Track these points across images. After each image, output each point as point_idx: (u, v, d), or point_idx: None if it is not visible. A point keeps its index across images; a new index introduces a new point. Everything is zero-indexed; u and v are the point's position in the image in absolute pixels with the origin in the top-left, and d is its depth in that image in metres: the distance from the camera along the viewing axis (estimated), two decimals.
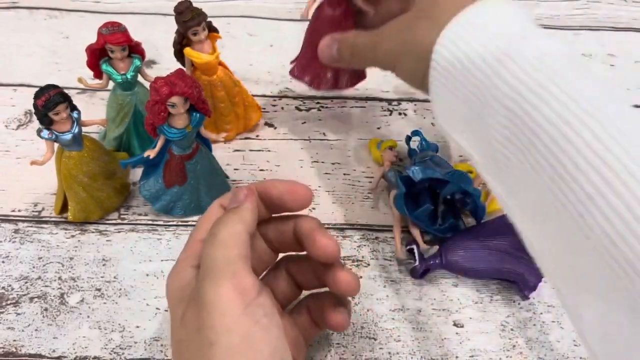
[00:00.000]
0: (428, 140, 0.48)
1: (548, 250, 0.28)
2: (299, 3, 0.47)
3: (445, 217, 0.45)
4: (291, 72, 0.50)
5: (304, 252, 0.35)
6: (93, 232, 0.46)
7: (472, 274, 0.43)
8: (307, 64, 0.49)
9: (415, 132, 0.49)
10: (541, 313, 0.42)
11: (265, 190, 0.34)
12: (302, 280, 0.37)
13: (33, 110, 0.40)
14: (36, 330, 0.40)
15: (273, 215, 0.36)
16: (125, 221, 0.47)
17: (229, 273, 0.28)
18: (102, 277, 0.43)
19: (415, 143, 0.49)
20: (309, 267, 0.36)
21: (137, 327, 0.41)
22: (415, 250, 0.43)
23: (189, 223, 0.47)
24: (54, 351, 0.39)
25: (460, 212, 0.45)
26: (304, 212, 0.47)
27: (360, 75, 0.51)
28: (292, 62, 0.51)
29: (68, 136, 0.41)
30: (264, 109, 0.56)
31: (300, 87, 0.55)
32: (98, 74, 0.46)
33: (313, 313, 0.36)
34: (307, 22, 0.48)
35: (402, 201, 0.43)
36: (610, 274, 0.24)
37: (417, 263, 0.43)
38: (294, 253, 0.37)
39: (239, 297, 0.28)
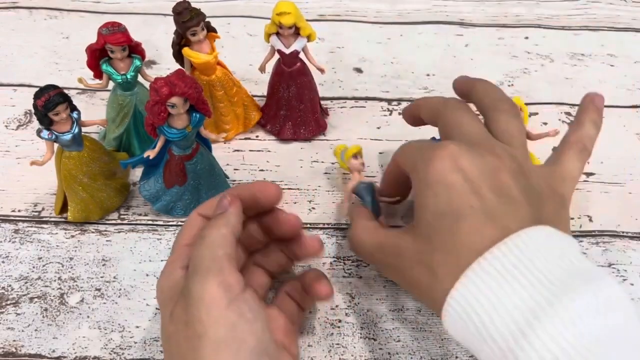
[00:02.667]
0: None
1: None
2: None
3: None
4: (258, 122, 0.54)
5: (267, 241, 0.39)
6: (93, 232, 0.46)
7: None
8: (270, 116, 0.53)
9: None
10: None
11: (239, 193, 0.36)
12: (269, 266, 0.39)
13: (33, 111, 0.40)
14: (36, 330, 0.40)
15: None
16: (125, 221, 0.47)
17: (216, 270, 0.30)
18: (102, 277, 0.43)
19: None
20: (274, 250, 0.39)
21: (137, 327, 0.41)
22: None
23: None
24: (53, 351, 0.39)
25: None
26: (303, 211, 0.47)
27: (320, 127, 0.53)
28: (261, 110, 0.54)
29: (68, 136, 0.41)
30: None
31: None
32: (98, 74, 0.46)
33: (295, 296, 0.38)
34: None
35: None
36: None
37: None
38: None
39: (224, 292, 0.30)
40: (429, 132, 0.46)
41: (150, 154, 0.42)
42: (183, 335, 0.29)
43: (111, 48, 0.44)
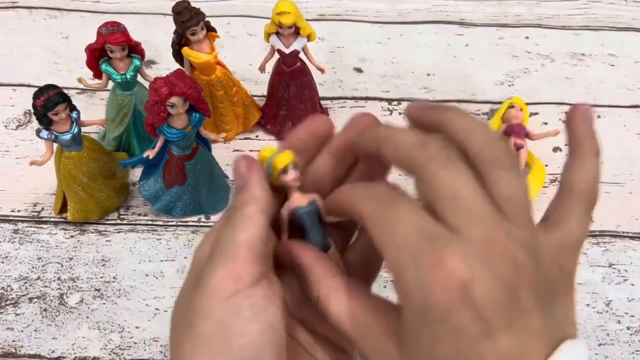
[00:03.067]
0: None
1: None
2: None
3: None
4: (258, 122, 0.54)
5: None
6: (92, 233, 0.46)
7: None
8: (270, 116, 0.53)
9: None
10: None
11: (294, 143, 0.30)
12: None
13: (32, 111, 0.40)
14: (35, 330, 0.40)
15: None
16: (125, 221, 0.47)
17: (228, 257, 0.27)
18: (101, 277, 0.43)
19: None
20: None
21: (137, 327, 0.41)
22: None
23: (189, 223, 0.47)
24: (53, 351, 0.39)
25: None
26: None
27: None
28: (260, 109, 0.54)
29: (67, 136, 0.41)
30: None
31: None
32: (97, 74, 0.46)
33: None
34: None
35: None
36: None
37: None
38: None
39: (229, 282, 0.26)
40: None
41: (150, 154, 0.42)
42: (180, 320, 0.27)
43: (111, 48, 0.44)
